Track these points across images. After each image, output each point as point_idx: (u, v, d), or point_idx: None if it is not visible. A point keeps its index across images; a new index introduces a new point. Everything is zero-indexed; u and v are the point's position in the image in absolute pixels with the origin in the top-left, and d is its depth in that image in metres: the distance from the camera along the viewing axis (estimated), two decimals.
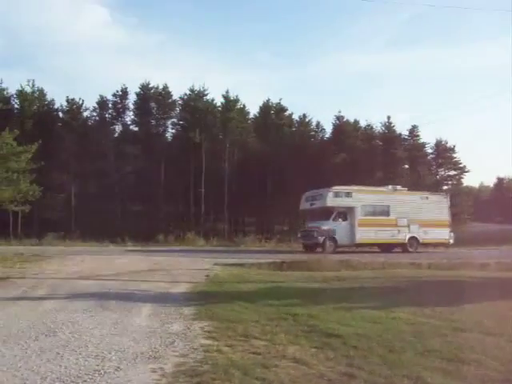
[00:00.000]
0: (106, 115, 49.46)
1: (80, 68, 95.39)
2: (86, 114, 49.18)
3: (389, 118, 53.35)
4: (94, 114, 49.49)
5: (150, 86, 49.27)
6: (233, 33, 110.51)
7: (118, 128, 51.12)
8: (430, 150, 55.24)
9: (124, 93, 49.38)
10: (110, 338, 8.09)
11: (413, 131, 53.40)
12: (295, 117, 53.23)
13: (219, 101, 49.62)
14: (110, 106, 49.19)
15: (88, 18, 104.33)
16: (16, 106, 46.50)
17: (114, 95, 48.96)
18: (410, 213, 33.03)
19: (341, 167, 48.35)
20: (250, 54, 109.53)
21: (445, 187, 55.75)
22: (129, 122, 50.97)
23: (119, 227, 42.31)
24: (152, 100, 49.33)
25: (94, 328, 8.80)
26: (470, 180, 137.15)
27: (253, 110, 54.47)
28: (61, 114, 48.76)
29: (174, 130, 52.32)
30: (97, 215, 44.97)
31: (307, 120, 52.80)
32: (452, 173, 56.79)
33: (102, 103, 48.64)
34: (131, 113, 50.53)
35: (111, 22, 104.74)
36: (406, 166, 55.19)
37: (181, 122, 50.67)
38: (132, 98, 50.13)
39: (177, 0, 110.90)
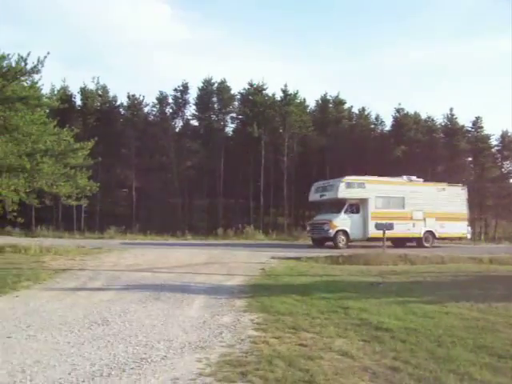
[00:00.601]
0: (167, 110, 50.16)
1: (142, 65, 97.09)
2: (146, 109, 50.10)
3: (451, 109, 51.92)
4: (155, 109, 50.32)
5: (212, 80, 49.65)
6: (294, 26, 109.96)
7: (179, 123, 51.80)
8: (494, 142, 53.39)
9: (185, 88, 49.92)
10: (160, 328, 8.27)
11: (476, 123, 51.64)
12: (354, 110, 52.96)
13: (278, 94, 49.71)
14: (170, 101, 49.86)
15: (150, 16, 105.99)
16: (79, 103, 47.95)
17: (176, 90, 49.57)
18: (426, 205, 30.81)
19: (401, 160, 47.54)
20: (311, 46, 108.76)
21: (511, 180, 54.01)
22: (189, 117, 51.55)
23: (179, 221, 42.98)
24: (213, 95, 49.73)
25: (146, 318, 9.01)
26: None
27: (312, 103, 54.11)
28: (122, 111, 49.85)
29: (233, 125, 52.70)
30: (157, 209, 45.84)
31: (366, 113, 52.26)
32: None
33: (162, 99, 49.34)
34: (192, 107, 51.05)
35: (173, 19, 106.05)
36: (470, 159, 53.63)
37: (240, 117, 50.90)
38: (192, 93, 50.69)
39: None
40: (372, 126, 52.94)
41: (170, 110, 50.19)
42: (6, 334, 7.71)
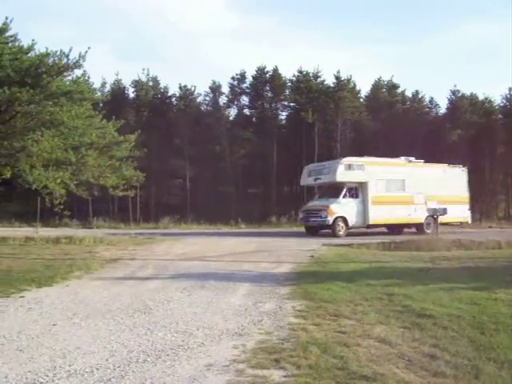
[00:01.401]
0: (220, 100, 50.61)
1: (195, 55, 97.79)
2: (199, 99, 50.71)
3: (510, 89, 50.17)
4: (207, 99, 50.82)
5: (264, 68, 49.69)
6: (347, 10, 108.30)
7: (232, 112, 52.17)
8: None
9: (242, 76, 50.22)
10: (200, 316, 8.37)
11: None
12: (408, 93, 51.93)
13: (331, 81, 49.39)
14: (225, 90, 50.36)
15: (204, 5, 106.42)
16: (132, 95, 49.05)
17: (233, 78, 49.99)
18: (427, 188, 28.30)
19: (457, 144, 46.40)
20: (364, 30, 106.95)
21: None
22: (242, 106, 51.77)
23: (233, 210, 43.26)
24: (266, 83, 49.79)
25: (189, 306, 9.14)
26: None
27: (365, 88, 53.51)
28: (174, 101, 50.48)
29: (286, 112, 52.65)
30: (211, 198, 46.30)
31: (420, 96, 51.18)
32: None
33: (215, 88, 49.77)
34: (245, 97, 51.27)
35: (226, 7, 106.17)
36: None
37: (292, 104, 50.80)
38: (247, 82, 50.89)
39: None
40: (426, 110, 51.80)
41: (224, 99, 50.56)
42: (52, 322, 7.96)
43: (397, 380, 5.35)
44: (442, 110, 51.91)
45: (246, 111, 51.67)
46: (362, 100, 51.58)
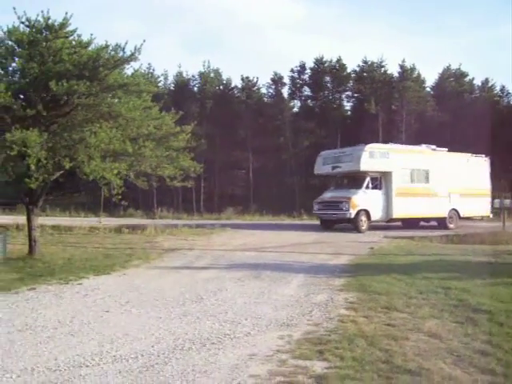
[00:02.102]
0: (282, 91, 50.56)
1: (260, 46, 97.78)
2: (261, 91, 50.83)
3: None
4: (270, 90, 50.89)
5: (325, 59, 49.35)
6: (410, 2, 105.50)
7: (295, 103, 52.02)
8: None
9: (302, 68, 50.02)
10: (250, 306, 8.41)
11: None
12: (477, 82, 50.22)
13: (395, 70, 48.52)
14: (286, 81, 50.23)
15: None
16: (196, 86, 49.78)
17: (292, 71, 49.90)
18: (451, 179, 25.95)
19: None
20: (436, 18, 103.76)
21: None
22: (304, 98, 51.52)
23: (296, 201, 43.14)
24: (327, 74, 49.42)
25: (240, 296, 9.19)
26: None
27: (432, 77, 52.11)
28: (237, 93, 50.78)
29: (349, 103, 52.08)
30: (274, 189, 46.30)
31: (490, 85, 49.39)
32: None
33: (277, 80, 49.72)
34: (307, 88, 50.98)
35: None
36: None
37: (356, 95, 50.21)
38: (306, 74, 50.61)
39: None
40: (496, 99, 49.93)
41: (287, 91, 50.52)
42: (105, 309, 8.18)
43: (442, 376, 5.20)
44: None
45: (309, 102, 51.22)
46: (428, 90, 50.27)
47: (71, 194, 17.72)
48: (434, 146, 27.63)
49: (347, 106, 52.12)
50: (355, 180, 24.84)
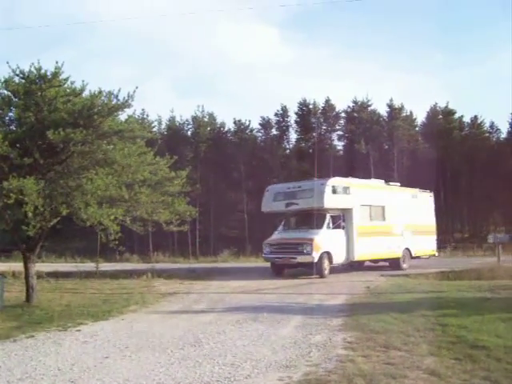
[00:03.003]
0: (272, 134, 51.16)
1: (250, 89, 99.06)
2: (253, 133, 51.43)
3: None
4: (259, 134, 51.64)
5: (309, 101, 50.14)
6: (404, 37, 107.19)
7: (286, 145, 52.56)
8: None
9: (284, 111, 50.75)
10: (249, 348, 8.43)
11: None
12: (466, 119, 50.90)
13: (384, 109, 49.39)
14: (274, 124, 50.90)
15: (258, 40, 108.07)
16: (189, 131, 50.42)
17: (276, 114, 50.66)
18: (403, 216, 24.27)
19: None
20: (422, 56, 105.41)
21: None
22: (294, 139, 52.22)
23: None
24: (314, 115, 50.21)
25: (239, 339, 9.20)
26: None
27: (420, 115, 52.86)
28: (230, 136, 51.37)
29: (340, 143, 52.74)
30: (269, 231, 46.28)
31: (479, 121, 50.06)
32: None
33: (265, 123, 50.46)
34: (296, 129, 51.70)
35: (281, 41, 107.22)
36: None
37: (347, 134, 50.93)
38: (294, 116, 51.43)
39: (345, 11, 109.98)
40: (486, 135, 50.57)
41: (276, 134, 51.11)
42: (105, 355, 8.18)
43: None
44: (504, 134, 50.53)
45: (301, 143, 51.81)
46: (417, 128, 50.98)
47: (68, 240, 17.76)
48: (382, 181, 26.15)
49: (339, 145, 52.76)
50: (313, 218, 21.54)
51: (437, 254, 26.95)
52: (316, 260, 20.31)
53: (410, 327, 9.75)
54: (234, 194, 50.02)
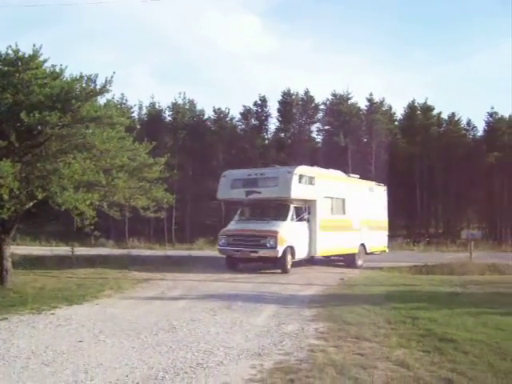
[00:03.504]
0: (252, 123, 51.10)
1: (231, 77, 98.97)
2: (233, 122, 51.39)
3: None
4: (240, 123, 51.58)
5: (292, 92, 50.24)
6: (386, 32, 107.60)
7: (265, 136, 52.58)
8: None
9: (263, 101, 50.71)
10: (223, 336, 8.52)
11: None
12: (444, 116, 51.40)
13: (364, 103, 49.70)
14: (254, 114, 50.87)
15: (241, 29, 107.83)
16: (169, 117, 50.23)
17: (255, 104, 50.59)
18: (361, 210, 22.79)
19: (494, 167, 45.68)
20: (403, 52, 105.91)
21: None
22: (274, 129, 52.24)
23: None
24: (295, 106, 50.27)
25: (213, 326, 9.30)
26: None
27: (399, 110, 53.27)
28: (210, 124, 51.28)
29: (319, 135, 52.90)
30: None
31: (456, 119, 50.52)
32: None
33: (246, 112, 50.39)
34: (275, 120, 51.72)
35: (263, 31, 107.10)
36: None
37: (326, 127, 51.14)
38: (274, 106, 51.39)
39: (329, 2, 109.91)
40: (463, 132, 51.14)
41: (256, 124, 51.06)
42: (79, 338, 8.21)
43: None
44: (480, 132, 51.15)
45: (280, 134, 51.89)
46: (396, 123, 51.34)
47: (43, 223, 17.64)
48: (342, 172, 24.41)
49: (318, 138, 52.96)
50: (275, 209, 20.17)
51: (387, 251, 25.47)
52: (280, 254, 18.51)
53: (381, 319, 9.93)
54: (211, 183, 49.88)
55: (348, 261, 22.43)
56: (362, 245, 22.77)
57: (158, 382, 6.08)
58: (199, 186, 47.41)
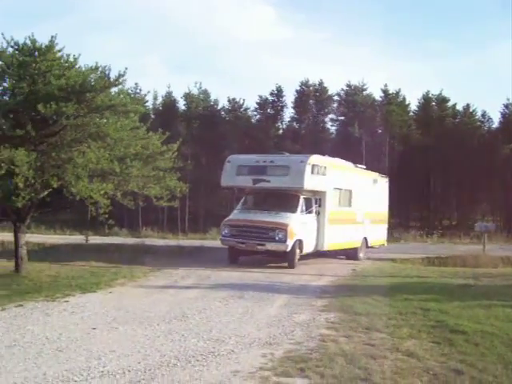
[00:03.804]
0: (267, 113, 51.05)
1: (245, 67, 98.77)
2: (247, 112, 51.42)
3: None
4: (255, 113, 51.57)
5: (309, 82, 50.16)
6: (400, 23, 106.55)
7: (280, 126, 52.61)
8: None
9: (279, 91, 50.66)
10: (234, 325, 8.61)
11: None
12: (459, 107, 50.95)
13: (379, 94, 49.46)
14: (269, 104, 50.83)
15: (255, 19, 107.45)
16: (183, 107, 50.41)
17: (271, 94, 50.57)
18: (365, 202, 21.75)
19: (510, 159, 45.17)
20: (417, 44, 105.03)
21: None
22: (289, 120, 52.20)
23: None
24: (310, 97, 50.18)
25: (224, 315, 9.38)
26: None
27: (415, 101, 52.84)
28: (224, 114, 51.34)
29: (334, 126, 52.80)
30: None
31: (471, 110, 50.10)
32: None
33: (262, 102, 50.34)
34: (291, 110, 51.65)
35: (277, 21, 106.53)
36: None
37: (340, 118, 51.00)
38: (290, 96, 51.32)
39: None
40: (478, 124, 50.67)
41: (271, 114, 51.03)
42: (93, 326, 8.33)
43: None
44: (495, 124, 50.65)
45: (295, 124, 51.85)
46: (411, 114, 51.04)
47: (57, 212, 17.78)
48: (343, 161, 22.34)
49: (332, 129, 52.88)
50: (289, 200, 18.45)
51: (386, 245, 24.27)
52: (289, 249, 17.22)
53: (392, 310, 9.98)
54: None
55: (350, 254, 21.31)
56: (365, 238, 21.83)
57: (169, 368, 6.17)
58: (212, 175, 47.42)
